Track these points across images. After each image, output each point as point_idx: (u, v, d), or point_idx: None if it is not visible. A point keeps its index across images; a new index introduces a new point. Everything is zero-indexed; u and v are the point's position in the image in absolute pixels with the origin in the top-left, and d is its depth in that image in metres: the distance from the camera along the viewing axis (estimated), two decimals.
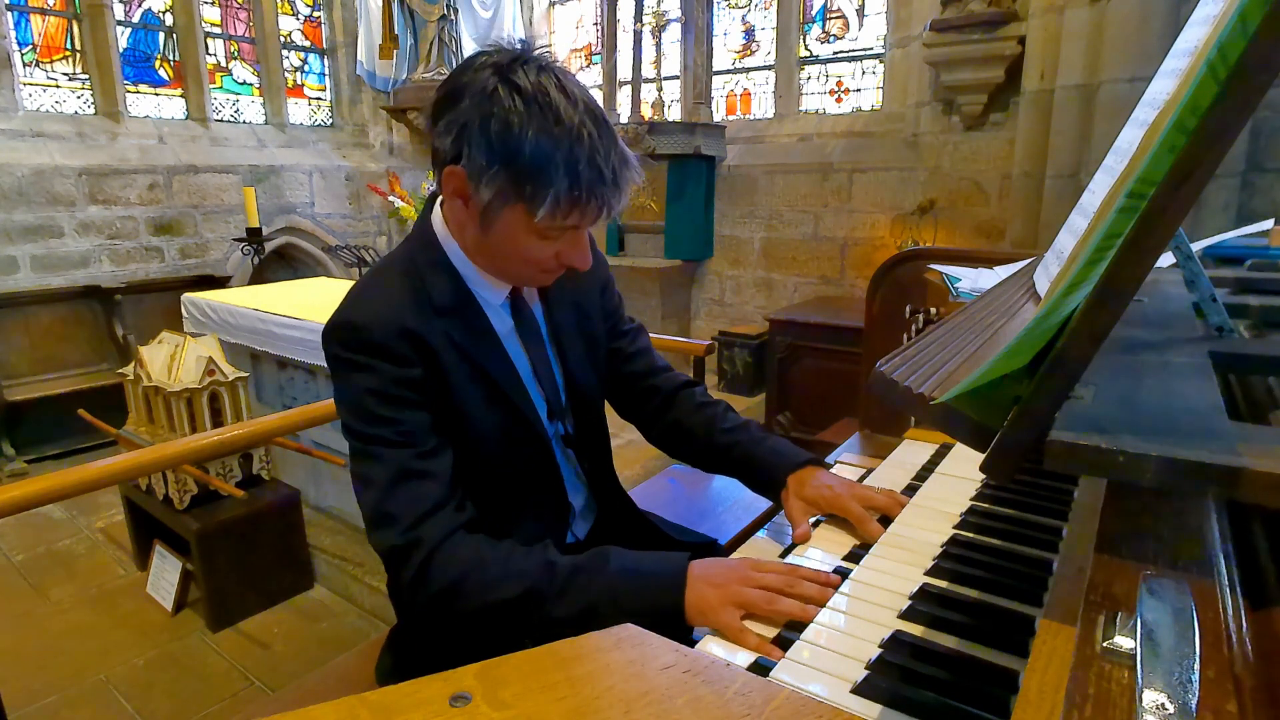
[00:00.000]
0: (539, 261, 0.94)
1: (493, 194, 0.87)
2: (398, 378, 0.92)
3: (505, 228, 0.90)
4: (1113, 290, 0.46)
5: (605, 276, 1.20)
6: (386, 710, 0.51)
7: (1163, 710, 0.34)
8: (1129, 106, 0.64)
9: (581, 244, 0.95)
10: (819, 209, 4.66)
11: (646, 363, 1.25)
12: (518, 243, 0.91)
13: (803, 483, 1.05)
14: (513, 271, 0.98)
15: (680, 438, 1.22)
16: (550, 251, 0.93)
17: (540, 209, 0.86)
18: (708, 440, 1.18)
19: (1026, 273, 0.90)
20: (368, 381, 0.91)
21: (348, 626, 2.46)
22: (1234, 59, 0.40)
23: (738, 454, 1.15)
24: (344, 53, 5.93)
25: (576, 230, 0.93)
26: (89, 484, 1.42)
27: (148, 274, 4.75)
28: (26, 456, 3.82)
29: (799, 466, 1.08)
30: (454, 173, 0.89)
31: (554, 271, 0.97)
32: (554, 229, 0.90)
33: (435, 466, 0.93)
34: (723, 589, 0.82)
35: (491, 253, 0.96)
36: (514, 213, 0.88)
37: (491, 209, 0.89)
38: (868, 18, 4.64)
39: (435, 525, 0.89)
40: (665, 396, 1.24)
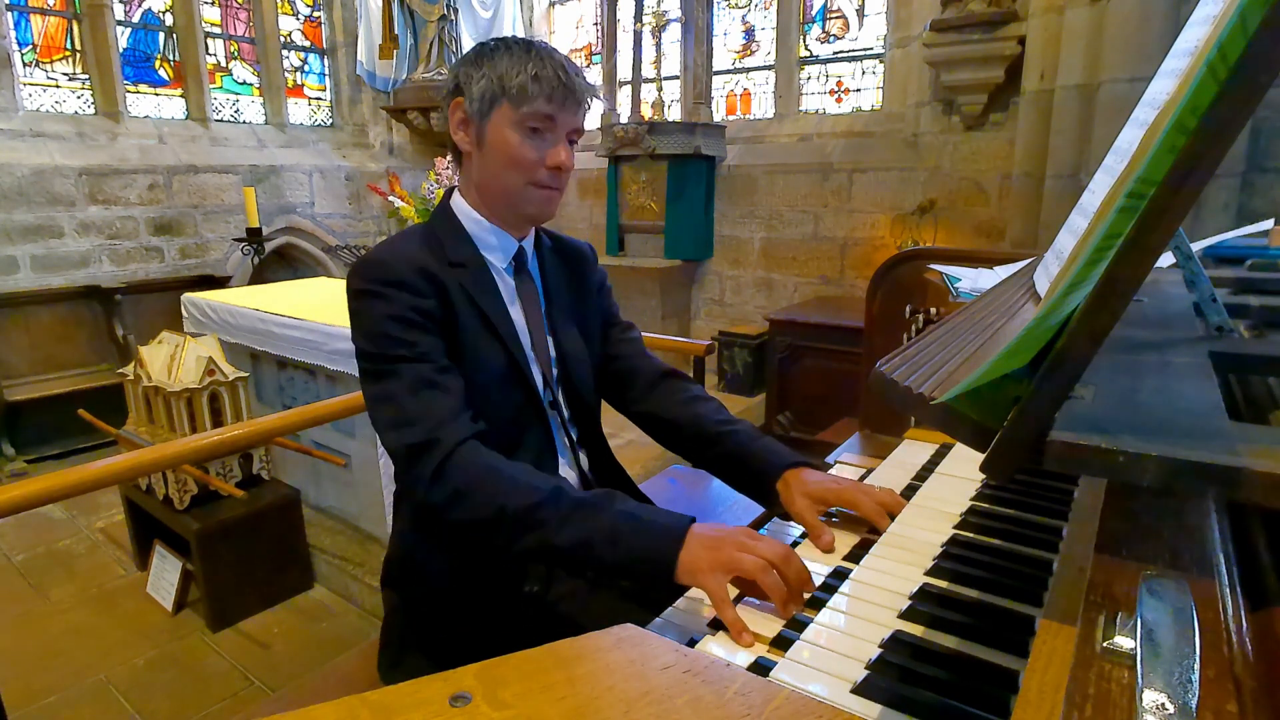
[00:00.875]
0: (530, 164, 1.06)
1: (481, 97, 1.05)
2: (415, 306, 1.02)
3: (496, 132, 1.06)
4: (1113, 290, 0.46)
5: (602, 280, 1.32)
6: (386, 710, 0.51)
7: (1163, 710, 0.34)
8: (1129, 106, 0.64)
9: (562, 146, 1.08)
10: (819, 209, 4.66)
11: (634, 349, 1.31)
12: (508, 142, 1.06)
13: (804, 482, 1.04)
14: (512, 185, 1.08)
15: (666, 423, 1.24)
16: (537, 154, 1.06)
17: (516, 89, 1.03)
18: (696, 430, 1.20)
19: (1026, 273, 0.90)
20: (387, 309, 1.00)
21: (348, 626, 2.46)
22: (1234, 59, 0.40)
23: (728, 447, 1.15)
24: (344, 53, 5.92)
25: (552, 124, 1.06)
26: (89, 484, 1.42)
27: (148, 274, 4.75)
28: (26, 456, 3.82)
29: (791, 465, 1.08)
30: (455, 104, 1.09)
31: (544, 183, 1.08)
32: (532, 116, 1.04)
33: (451, 382, 1.01)
34: (716, 552, 0.84)
35: (492, 170, 1.09)
36: (500, 113, 1.05)
37: (482, 116, 1.06)
38: (868, 18, 4.64)
39: (453, 429, 0.97)
40: (650, 378, 1.27)
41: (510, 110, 1.04)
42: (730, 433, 1.16)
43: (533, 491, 0.93)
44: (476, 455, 0.96)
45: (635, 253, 5.12)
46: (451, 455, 0.95)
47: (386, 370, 1.00)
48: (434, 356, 1.01)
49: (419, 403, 0.97)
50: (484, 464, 0.95)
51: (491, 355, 1.08)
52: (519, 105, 1.03)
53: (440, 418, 0.97)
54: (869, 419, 1.76)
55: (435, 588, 1.12)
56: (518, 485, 0.93)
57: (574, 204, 5.85)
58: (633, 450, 3.66)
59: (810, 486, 1.03)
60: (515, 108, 1.04)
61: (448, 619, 1.11)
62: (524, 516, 0.91)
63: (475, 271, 1.10)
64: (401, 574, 1.16)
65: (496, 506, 0.92)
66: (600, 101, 1.28)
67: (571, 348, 1.20)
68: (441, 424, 0.96)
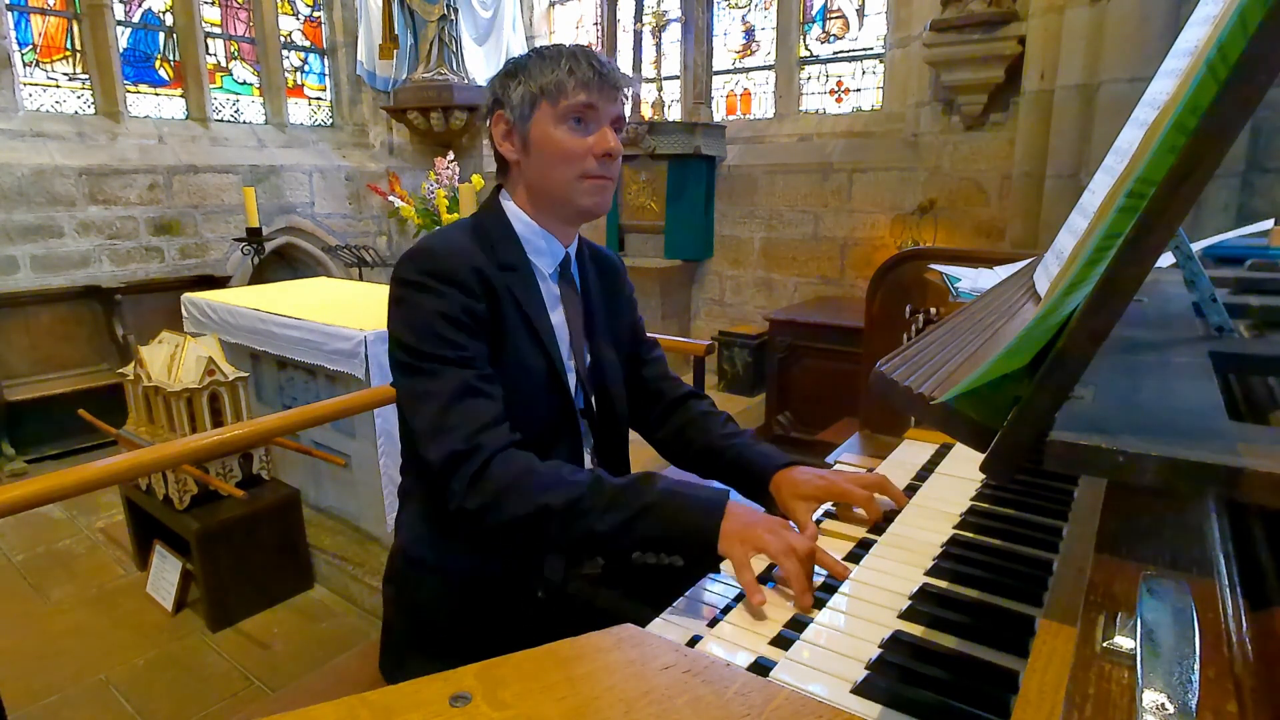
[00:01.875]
0: (578, 155, 1.06)
1: (521, 101, 1.06)
2: (467, 307, 1.01)
3: (540, 131, 1.06)
4: (1113, 290, 0.46)
5: (630, 291, 1.34)
6: (386, 710, 0.51)
7: (1163, 710, 0.34)
8: (1129, 106, 0.64)
9: (607, 132, 1.08)
10: (819, 209, 4.66)
11: (659, 370, 1.34)
12: (554, 138, 1.06)
13: (795, 482, 1.07)
14: (563, 182, 1.08)
15: (680, 444, 1.29)
16: (584, 144, 1.06)
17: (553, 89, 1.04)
18: (704, 446, 1.24)
19: (1026, 273, 0.90)
20: (439, 305, 1.00)
21: (348, 626, 2.46)
22: (1234, 59, 0.40)
23: (729, 456, 1.19)
24: (344, 53, 5.92)
25: (593, 110, 1.05)
26: (89, 484, 1.42)
27: (148, 274, 4.75)
28: (26, 456, 3.82)
29: (784, 465, 1.11)
30: (497, 117, 1.10)
31: (595, 174, 1.07)
32: (573, 107, 1.04)
33: (494, 390, 1.02)
34: (749, 528, 0.89)
35: (542, 169, 1.08)
36: (541, 112, 1.06)
37: (524, 120, 1.07)
38: (868, 18, 4.64)
39: (493, 436, 0.98)
40: (671, 403, 1.31)
41: (550, 108, 1.05)
42: (730, 445, 1.20)
43: (574, 485, 0.95)
44: (513, 459, 0.97)
45: (635, 253, 5.12)
46: (491, 461, 0.96)
47: (430, 369, 1.00)
48: (479, 363, 1.02)
49: (461, 409, 0.98)
50: (521, 466, 0.97)
51: (533, 361, 1.09)
52: (558, 100, 1.04)
53: (482, 425, 0.98)
54: (869, 419, 1.76)
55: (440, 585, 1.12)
56: (558, 481, 0.96)
57: None
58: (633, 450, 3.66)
59: (801, 486, 1.06)
60: (554, 104, 1.05)
61: (451, 616, 1.11)
62: (568, 510, 0.94)
63: (523, 275, 1.10)
64: (406, 570, 1.16)
65: (539, 505, 0.94)
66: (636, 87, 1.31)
67: (607, 357, 1.21)
68: (482, 430, 0.97)
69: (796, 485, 1.06)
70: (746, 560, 0.86)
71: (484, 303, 1.03)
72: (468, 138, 6.04)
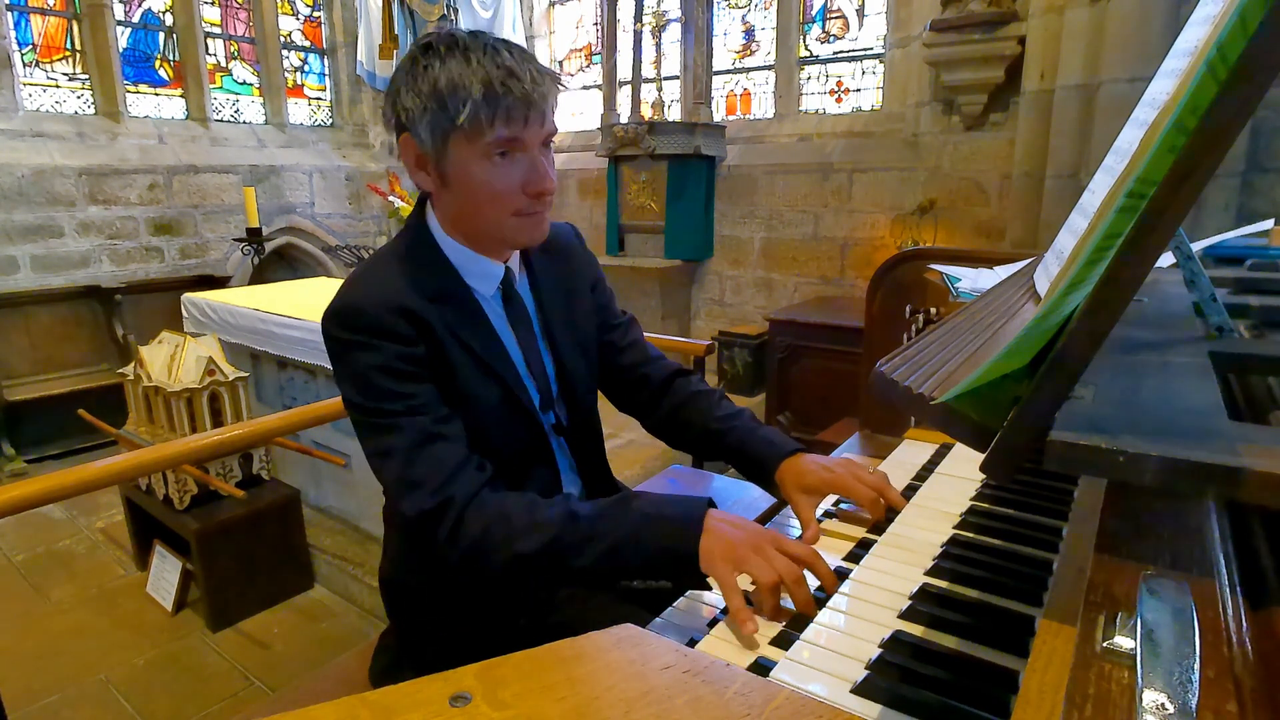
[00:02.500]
0: (507, 194, 0.95)
1: (430, 132, 0.92)
2: (402, 354, 0.94)
3: (458, 167, 0.94)
4: (1113, 290, 0.46)
5: (595, 275, 1.23)
6: (386, 710, 0.51)
7: (1163, 710, 0.34)
8: (1129, 106, 0.64)
9: (538, 166, 0.96)
10: (819, 209, 4.66)
11: (639, 354, 1.26)
12: (476, 178, 0.94)
13: (800, 473, 1.04)
14: (492, 222, 0.98)
15: (676, 427, 1.23)
16: (512, 180, 0.94)
17: (466, 121, 0.89)
18: (703, 428, 1.19)
19: (1026, 273, 0.90)
20: (373, 359, 0.93)
21: (348, 626, 2.46)
22: (1234, 59, 0.40)
23: (731, 441, 1.15)
24: (344, 53, 5.92)
25: (520, 144, 0.93)
26: (89, 484, 1.42)
27: (148, 274, 4.75)
28: (26, 456, 3.82)
29: (788, 454, 1.08)
30: (405, 141, 0.96)
31: (529, 213, 0.98)
32: (495, 144, 0.91)
33: (452, 430, 0.96)
34: (735, 549, 0.84)
35: (465, 208, 0.98)
36: (456, 146, 0.92)
37: (440, 154, 0.94)
38: (868, 18, 4.64)
39: (462, 484, 0.92)
40: (659, 385, 1.25)
41: (466, 142, 0.92)
42: (731, 428, 1.16)
43: (547, 526, 0.90)
44: (484, 506, 0.92)
45: (635, 253, 5.12)
46: (464, 513, 0.91)
47: (384, 425, 0.94)
48: (431, 407, 0.95)
49: (424, 460, 0.92)
50: (492, 513, 0.92)
51: (486, 393, 1.02)
52: (475, 137, 0.91)
53: (448, 473, 0.92)
54: (869, 419, 1.76)
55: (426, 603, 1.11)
56: (531, 524, 0.91)
57: (574, 204, 5.85)
58: (633, 450, 3.66)
59: (805, 478, 1.03)
60: (471, 140, 0.91)
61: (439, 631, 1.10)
62: (544, 554, 0.90)
63: (460, 303, 1.01)
64: (393, 585, 1.15)
65: (513, 554, 0.90)
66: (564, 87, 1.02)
67: (571, 362, 1.13)
68: (450, 481, 0.92)
69: (801, 477, 1.03)
70: (734, 583, 0.81)
71: (420, 344, 0.96)
72: None
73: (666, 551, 0.87)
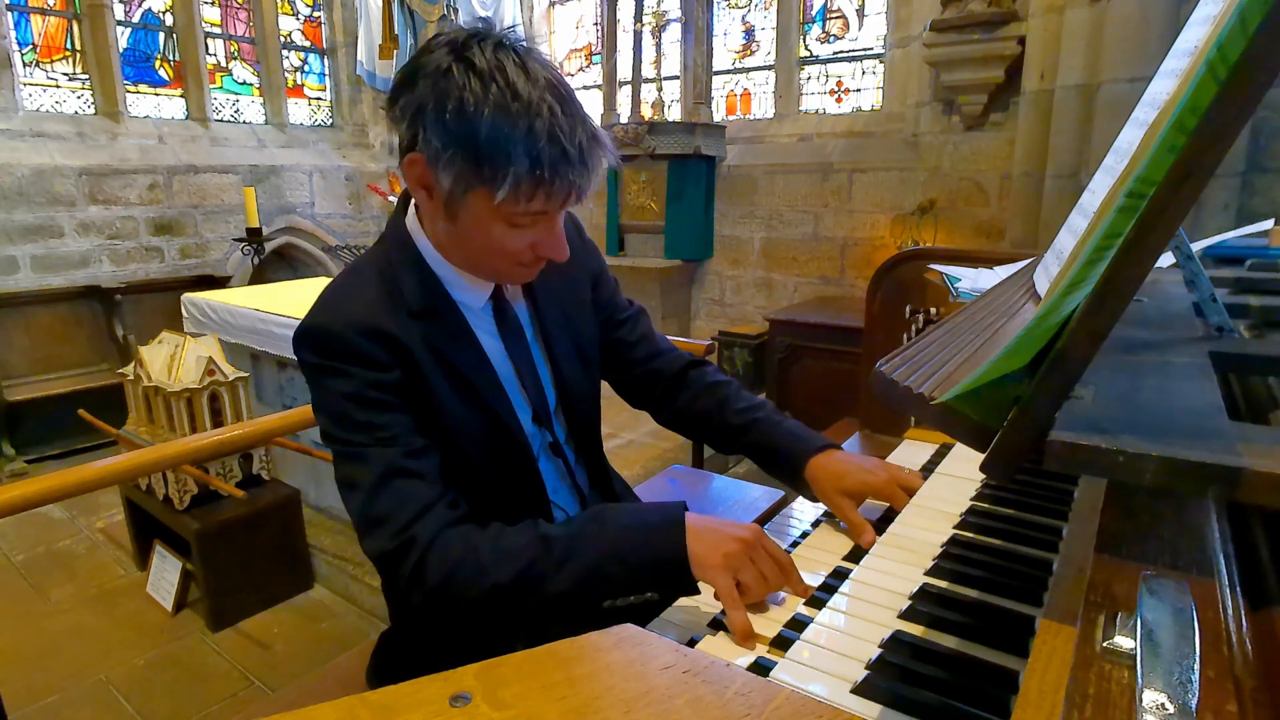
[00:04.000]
0: (513, 253, 0.88)
1: (452, 180, 0.82)
2: (374, 381, 0.88)
3: (471, 216, 0.86)
4: (1113, 290, 0.46)
5: (596, 268, 1.15)
6: (386, 710, 0.51)
7: (1163, 710, 0.34)
8: (1129, 106, 0.64)
9: (556, 233, 0.89)
10: (819, 209, 4.66)
11: (650, 348, 1.21)
12: (487, 233, 0.86)
13: (838, 475, 1.00)
14: (488, 265, 0.92)
15: (693, 420, 1.19)
16: (523, 242, 0.87)
17: (501, 192, 0.80)
18: (722, 422, 1.14)
19: (1026, 273, 0.90)
20: (344, 386, 0.88)
21: (348, 626, 2.46)
22: (1234, 59, 0.40)
23: (754, 436, 1.12)
24: (344, 53, 5.92)
25: (546, 216, 0.86)
26: (89, 484, 1.42)
27: (148, 274, 4.75)
28: (26, 456, 3.82)
29: (818, 451, 1.04)
30: (414, 160, 0.84)
31: (531, 265, 0.92)
32: (521, 215, 0.84)
33: (422, 466, 0.89)
34: (729, 557, 0.82)
35: (463, 246, 0.91)
36: (478, 199, 0.83)
37: (454, 197, 0.84)
38: (868, 18, 4.64)
39: (426, 524, 0.86)
40: (672, 379, 1.20)
41: (490, 203, 0.83)
42: (753, 421, 1.12)
43: (518, 554, 0.85)
44: (451, 543, 0.86)
45: (635, 253, 5.12)
46: (427, 554, 0.85)
47: (351, 454, 0.89)
48: (402, 439, 0.89)
49: (388, 496, 0.86)
50: (456, 550, 0.85)
51: (469, 415, 0.94)
52: (503, 203, 0.82)
53: (411, 513, 0.86)
54: (869, 419, 1.76)
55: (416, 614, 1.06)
56: (501, 554, 0.85)
57: None
58: (633, 450, 3.66)
59: (845, 481, 1.00)
60: (497, 202, 0.82)
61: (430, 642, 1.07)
62: (519, 582, 0.84)
63: (443, 318, 0.94)
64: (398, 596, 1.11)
65: (488, 587, 0.84)
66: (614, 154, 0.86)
67: (570, 373, 1.06)
68: (414, 520, 0.86)
69: (840, 479, 1.00)
70: (735, 595, 0.79)
71: (395, 369, 0.89)
72: None
73: (654, 561, 0.83)
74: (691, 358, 1.22)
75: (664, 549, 0.83)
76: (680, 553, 0.83)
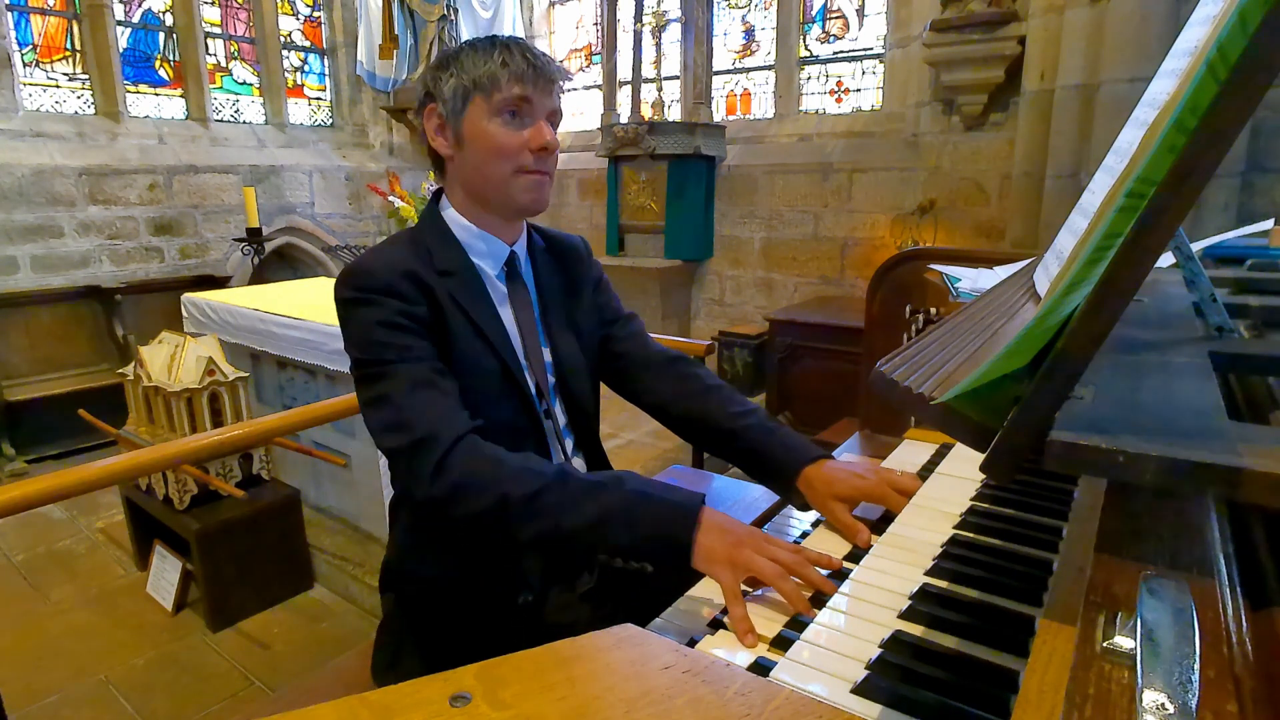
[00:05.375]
0: (513, 150, 1.04)
1: (453, 95, 1.04)
2: (405, 311, 1.00)
3: (474, 126, 1.04)
4: (1113, 290, 0.46)
5: (597, 275, 1.29)
6: (387, 710, 0.51)
7: (1163, 710, 0.34)
8: (1129, 106, 0.64)
9: (542, 126, 1.05)
10: (819, 209, 4.66)
11: (640, 342, 1.28)
12: (487, 133, 1.03)
13: (830, 482, 1.02)
14: (498, 177, 1.06)
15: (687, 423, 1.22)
16: (519, 138, 1.04)
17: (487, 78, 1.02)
18: (716, 426, 1.17)
19: (1026, 273, 0.90)
20: (376, 314, 0.99)
21: (348, 626, 2.45)
22: (1234, 59, 0.40)
23: (746, 442, 1.13)
24: (344, 53, 5.92)
25: (529, 104, 1.04)
26: (89, 484, 1.42)
27: (148, 274, 4.75)
28: (26, 456, 3.82)
29: (810, 461, 1.06)
30: (430, 110, 1.08)
31: (532, 168, 1.05)
32: (508, 101, 1.02)
33: (447, 384, 0.99)
34: (735, 548, 0.84)
35: (476, 166, 1.06)
36: (474, 106, 1.04)
37: (456, 113, 1.05)
38: (868, 18, 4.64)
39: (451, 425, 0.95)
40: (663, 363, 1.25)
41: (483, 102, 1.03)
42: (745, 427, 1.14)
43: (537, 477, 0.91)
44: (476, 448, 0.94)
45: (635, 253, 5.12)
46: (451, 450, 0.92)
47: (379, 373, 0.98)
48: (428, 359, 1.00)
49: (415, 402, 0.95)
50: (484, 455, 0.93)
51: (484, 363, 1.06)
52: (491, 93, 1.02)
53: (439, 413, 0.95)
54: (869, 419, 1.76)
55: (431, 593, 1.11)
56: (520, 472, 0.92)
57: (574, 204, 5.85)
58: (633, 450, 3.66)
59: (837, 486, 1.01)
60: (488, 97, 1.02)
61: (443, 624, 1.10)
62: (529, 502, 0.90)
63: (465, 278, 1.07)
64: (399, 579, 1.16)
65: (499, 495, 0.90)
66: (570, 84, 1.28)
67: (568, 354, 1.17)
68: (440, 419, 0.94)
69: (833, 485, 1.01)
70: (738, 590, 0.81)
71: (423, 305, 1.02)
72: None
73: (660, 535, 0.87)
74: (678, 355, 1.28)
75: (672, 529, 0.87)
76: (686, 538, 0.86)
